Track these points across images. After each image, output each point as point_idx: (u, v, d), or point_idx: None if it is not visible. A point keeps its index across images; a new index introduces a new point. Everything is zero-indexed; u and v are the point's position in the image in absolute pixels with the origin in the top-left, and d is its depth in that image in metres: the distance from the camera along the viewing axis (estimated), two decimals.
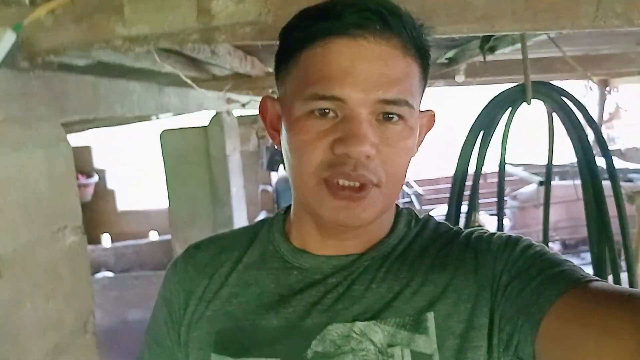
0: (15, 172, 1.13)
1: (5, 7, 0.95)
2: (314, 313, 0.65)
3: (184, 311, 0.72)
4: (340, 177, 0.59)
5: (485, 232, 0.70)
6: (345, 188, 0.60)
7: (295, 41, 0.63)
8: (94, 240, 5.67)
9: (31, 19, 0.88)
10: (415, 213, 0.75)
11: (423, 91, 0.66)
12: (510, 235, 0.67)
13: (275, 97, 0.70)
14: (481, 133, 1.62)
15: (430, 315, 0.62)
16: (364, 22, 0.58)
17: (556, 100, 1.48)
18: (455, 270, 0.65)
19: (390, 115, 0.60)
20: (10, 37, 0.82)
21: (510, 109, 1.53)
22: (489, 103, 1.59)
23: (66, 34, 0.95)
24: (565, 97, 1.50)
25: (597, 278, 0.57)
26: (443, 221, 0.76)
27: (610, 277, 1.65)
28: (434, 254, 0.68)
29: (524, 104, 1.50)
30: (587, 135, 1.44)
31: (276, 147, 0.69)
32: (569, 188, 4.25)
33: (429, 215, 0.76)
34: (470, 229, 0.72)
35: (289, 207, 0.76)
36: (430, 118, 0.70)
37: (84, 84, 1.53)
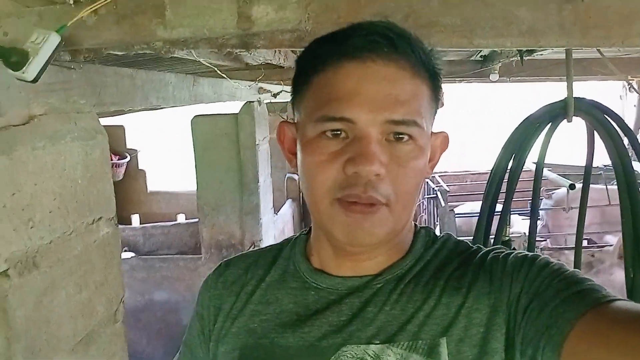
0: (54, 165, 1.15)
1: (51, 6, 0.97)
2: (330, 334, 0.66)
3: (213, 326, 0.75)
4: (351, 199, 0.61)
5: (502, 252, 0.68)
6: (356, 203, 0.61)
7: (307, 66, 0.66)
8: (124, 220, 5.76)
9: (75, 20, 0.89)
10: (433, 233, 0.75)
11: (435, 113, 0.67)
12: (526, 255, 0.66)
13: (292, 121, 0.71)
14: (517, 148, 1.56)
15: (443, 341, 0.62)
16: (372, 45, 0.60)
17: (598, 118, 1.42)
18: (468, 293, 0.65)
19: (400, 136, 0.61)
20: (54, 40, 0.84)
21: (550, 124, 1.46)
22: (526, 118, 1.51)
23: (108, 34, 0.96)
24: (608, 115, 1.43)
25: (618, 297, 0.56)
26: (462, 240, 0.75)
27: None
28: (449, 275, 0.67)
29: (565, 121, 1.44)
30: (630, 159, 1.38)
31: (293, 170, 0.70)
32: (601, 192, 4.15)
33: (449, 234, 0.76)
34: (488, 248, 0.71)
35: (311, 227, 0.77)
36: (444, 139, 0.71)
37: (122, 76, 1.55)
